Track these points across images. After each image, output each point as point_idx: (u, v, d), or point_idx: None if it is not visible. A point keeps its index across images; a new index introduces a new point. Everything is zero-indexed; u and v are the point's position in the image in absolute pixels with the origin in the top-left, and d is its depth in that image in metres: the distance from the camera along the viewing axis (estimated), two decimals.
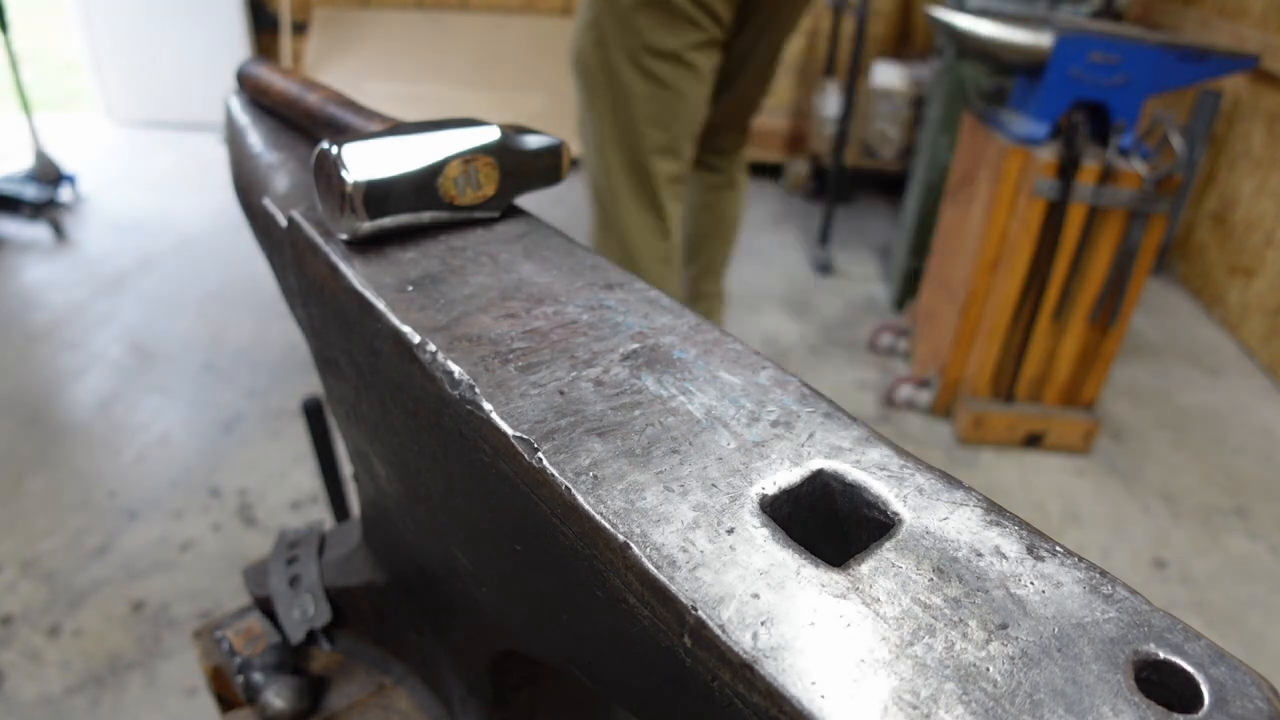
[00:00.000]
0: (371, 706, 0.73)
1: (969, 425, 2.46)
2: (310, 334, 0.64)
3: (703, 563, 0.33)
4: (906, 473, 0.38)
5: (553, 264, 0.55)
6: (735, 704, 0.31)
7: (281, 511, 2.06)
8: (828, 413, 0.42)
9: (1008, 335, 2.38)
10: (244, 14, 4.60)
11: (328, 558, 0.80)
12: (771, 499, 0.37)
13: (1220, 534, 2.24)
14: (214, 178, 4.09)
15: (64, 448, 2.25)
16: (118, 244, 3.41)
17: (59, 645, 1.69)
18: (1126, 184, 2.12)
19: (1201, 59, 2.11)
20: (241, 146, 0.75)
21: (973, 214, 2.43)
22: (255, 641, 0.77)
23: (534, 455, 0.39)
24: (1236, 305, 3.26)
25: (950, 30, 2.31)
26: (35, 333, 2.78)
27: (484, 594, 0.51)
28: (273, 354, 2.71)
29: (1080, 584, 0.33)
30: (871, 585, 0.33)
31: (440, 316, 0.49)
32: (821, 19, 4.30)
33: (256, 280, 3.15)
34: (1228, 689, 0.29)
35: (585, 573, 0.37)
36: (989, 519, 0.36)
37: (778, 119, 4.43)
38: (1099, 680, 0.29)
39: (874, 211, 4.19)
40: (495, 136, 0.58)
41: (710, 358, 0.46)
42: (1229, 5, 3.42)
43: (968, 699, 0.28)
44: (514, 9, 4.58)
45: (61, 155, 3.79)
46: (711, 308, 2.44)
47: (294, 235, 0.59)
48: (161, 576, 1.86)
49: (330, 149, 0.54)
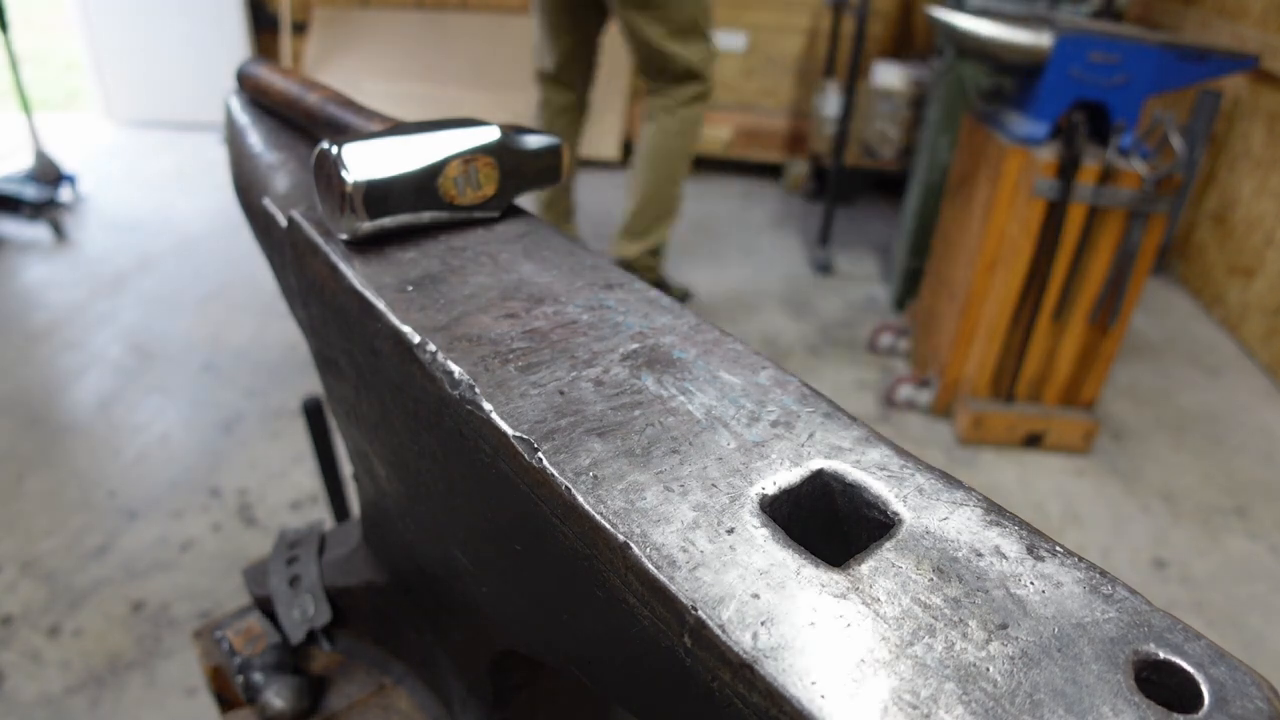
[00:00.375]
0: (371, 706, 0.73)
1: (969, 425, 2.46)
2: (310, 334, 0.64)
3: (703, 563, 0.33)
4: (906, 473, 0.38)
5: (553, 264, 0.55)
6: (735, 704, 0.31)
7: (281, 511, 2.06)
8: (828, 413, 0.42)
9: (1008, 335, 2.39)
10: (244, 14, 4.60)
11: (328, 558, 0.80)
12: (771, 499, 0.37)
13: (1220, 534, 2.24)
14: (214, 178, 4.09)
15: (64, 448, 2.25)
16: (117, 244, 3.41)
17: (59, 645, 1.69)
18: (1126, 184, 2.12)
19: (1201, 59, 2.11)
20: (241, 146, 0.75)
21: (972, 214, 2.43)
22: (255, 641, 0.77)
23: (534, 455, 0.39)
24: (1236, 305, 3.26)
25: (950, 30, 2.31)
26: (35, 333, 2.78)
27: (484, 594, 0.51)
28: (273, 354, 2.71)
29: (1080, 584, 0.33)
30: (871, 585, 0.33)
31: (440, 316, 0.49)
32: (821, 19, 4.30)
33: (256, 280, 3.15)
34: (1228, 689, 0.29)
35: (585, 573, 0.37)
36: (989, 519, 0.36)
37: (778, 119, 4.43)
38: (1099, 680, 0.29)
39: (874, 211, 4.19)
40: (495, 137, 0.58)
41: (710, 358, 0.46)
42: (1229, 5, 3.42)
43: (968, 699, 0.28)
44: (514, 9, 4.58)
45: (61, 155, 3.79)
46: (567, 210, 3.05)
47: (294, 235, 0.59)
48: (161, 576, 1.86)
49: (330, 149, 0.54)
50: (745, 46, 4.40)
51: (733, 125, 4.39)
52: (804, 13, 4.32)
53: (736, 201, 4.23)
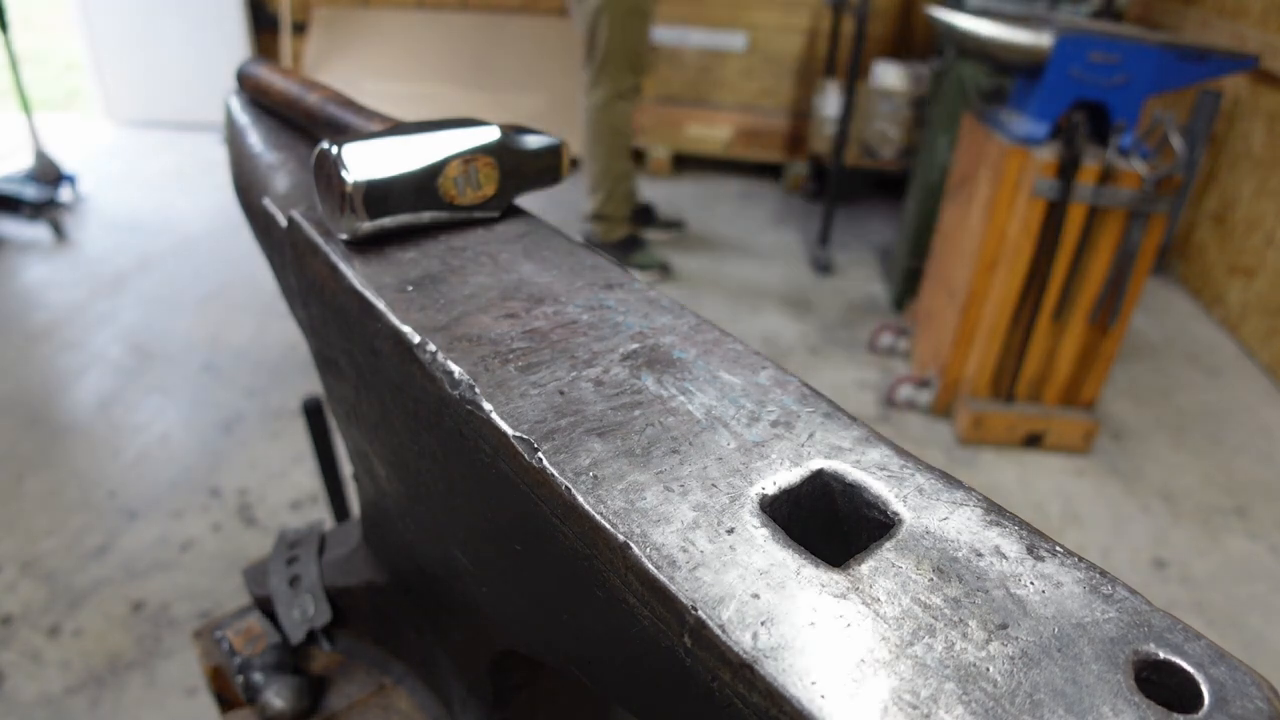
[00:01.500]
0: (371, 706, 0.73)
1: (969, 425, 2.46)
2: (310, 334, 0.64)
3: (703, 563, 0.33)
4: (906, 473, 0.38)
5: (553, 264, 0.55)
6: (735, 704, 0.31)
7: (281, 511, 2.06)
8: (828, 413, 0.42)
9: (1008, 335, 2.38)
10: (244, 14, 4.60)
11: (328, 558, 0.80)
12: (771, 499, 0.37)
13: (1220, 534, 2.24)
14: (214, 178, 4.09)
15: (64, 448, 2.25)
16: (117, 244, 3.41)
17: (59, 645, 1.69)
18: (1126, 184, 2.12)
19: (1201, 59, 2.11)
20: (241, 146, 0.75)
21: (972, 214, 2.43)
22: (255, 641, 0.77)
23: (534, 455, 0.39)
24: (1236, 305, 3.26)
25: (950, 30, 2.31)
26: (35, 333, 2.78)
27: (484, 594, 0.51)
28: (273, 354, 2.71)
29: (1080, 584, 0.33)
30: (871, 585, 0.33)
31: (440, 316, 0.49)
32: (821, 19, 4.30)
33: (256, 280, 3.15)
34: (1228, 689, 0.29)
35: (585, 573, 0.37)
36: (989, 519, 0.36)
37: (778, 119, 4.43)
38: (1099, 680, 0.29)
39: (874, 211, 4.19)
40: (495, 137, 0.58)
41: (710, 358, 0.46)
42: (1229, 5, 3.42)
43: (968, 699, 0.28)
44: (514, 9, 4.58)
45: (61, 155, 3.79)
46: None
47: (294, 235, 0.59)
48: (161, 576, 1.86)
49: (330, 149, 0.54)
50: (745, 46, 4.40)
51: (733, 125, 4.39)
52: (804, 13, 4.32)
53: (736, 201, 4.23)
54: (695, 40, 4.38)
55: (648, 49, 3.22)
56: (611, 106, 3.18)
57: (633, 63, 3.13)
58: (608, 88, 3.15)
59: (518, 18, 4.54)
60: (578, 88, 3.53)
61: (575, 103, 4.19)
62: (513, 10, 4.58)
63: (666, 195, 4.08)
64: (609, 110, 3.19)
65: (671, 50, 4.40)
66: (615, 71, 3.13)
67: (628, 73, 3.14)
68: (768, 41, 4.39)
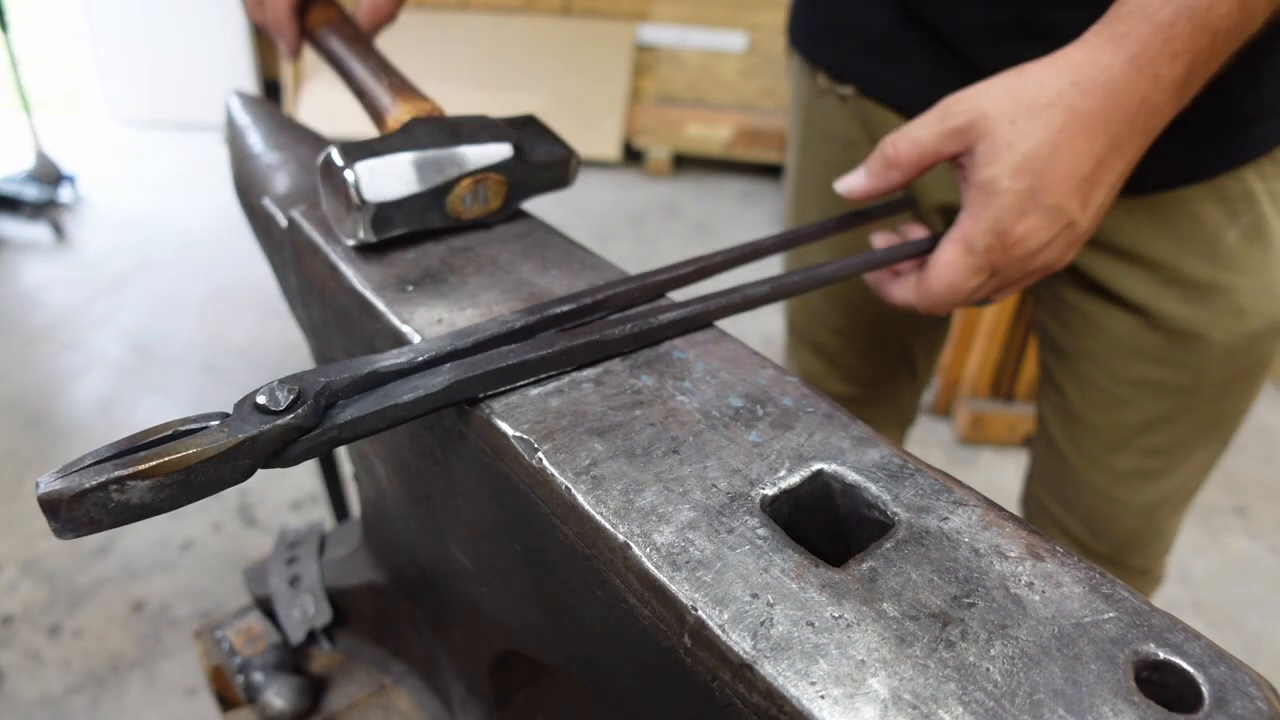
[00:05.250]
0: (371, 706, 0.73)
1: (969, 425, 2.46)
2: (310, 334, 0.64)
3: (703, 563, 0.33)
4: (906, 473, 0.38)
5: (553, 264, 0.56)
6: (735, 704, 0.31)
7: (281, 511, 2.06)
8: (828, 413, 0.42)
9: (1008, 335, 2.38)
10: (245, 14, 4.59)
11: (328, 558, 0.80)
12: (771, 499, 0.37)
13: (1220, 534, 2.24)
14: (214, 178, 4.09)
15: (64, 448, 2.25)
16: (118, 244, 3.41)
17: (59, 645, 1.69)
18: None
19: None
20: (241, 146, 0.75)
21: None
22: (255, 641, 0.77)
23: (534, 455, 0.39)
24: None
25: None
26: (35, 333, 2.78)
27: (484, 594, 0.51)
28: (273, 354, 2.71)
29: (1080, 584, 0.33)
30: (871, 585, 0.33)
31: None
32: None
33: (256, 280, 3.14)
34: (1228, 689, 0.29)
35: (585, 573, 0.37)
36: (989, 519, 0.36)
37: (778, 119, 4.43)
38: (1099, 680, 0.29)
39: None
40: (508, 154, 0.58)
41: (710, 358, 0.46)
42: None
43: (968, 699, 0.28)
44: (514, 9, 4.58)
45: (61, 155, 3.79)
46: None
47: (294, 235, 0.59)
48: (162, 576, 1.86)
49: (338, 161, 0.53)
50: (745, 46, 4.40)
51: (733, 125, 4.39)
52: None
53: (736, 201, 4.23)
54: (695, 40, 4.38)
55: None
56: None
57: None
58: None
59: (518, 18, 4.54)
60: (578, 88, 3.38)
61: (575, 103, 4.19)
62: (513, 10, 4.59)
63: (666, 195, 4.08)
64: None
65: (671, 50, 4.40)
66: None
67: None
68: (768, 41, 4.39)
